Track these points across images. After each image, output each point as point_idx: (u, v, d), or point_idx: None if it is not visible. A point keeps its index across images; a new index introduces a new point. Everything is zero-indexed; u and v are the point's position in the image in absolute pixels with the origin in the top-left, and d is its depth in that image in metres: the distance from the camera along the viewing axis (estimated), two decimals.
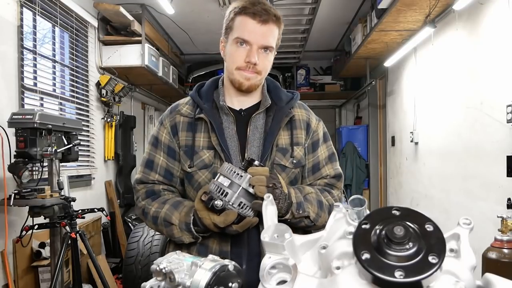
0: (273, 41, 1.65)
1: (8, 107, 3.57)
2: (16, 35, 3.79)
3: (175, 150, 1.71)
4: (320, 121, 1.85)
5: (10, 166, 3.16)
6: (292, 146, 1.71)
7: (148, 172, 1.74)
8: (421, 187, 5.68)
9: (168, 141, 1.72)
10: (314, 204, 1.62)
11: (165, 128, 1.73)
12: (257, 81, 1.67)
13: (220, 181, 1.43)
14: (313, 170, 1.77)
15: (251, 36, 1.59)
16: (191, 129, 1.69)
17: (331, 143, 1.85)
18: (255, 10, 1.59)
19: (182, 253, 1.22)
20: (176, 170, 1.73)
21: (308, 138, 1.77)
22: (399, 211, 0.92)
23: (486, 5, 3.85)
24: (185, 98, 1.81)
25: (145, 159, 1.76)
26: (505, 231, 3.11)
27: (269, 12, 1.60)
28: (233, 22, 1.64)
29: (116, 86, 5.68)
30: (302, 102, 1.85)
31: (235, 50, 1.63)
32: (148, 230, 4.57)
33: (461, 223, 0.94)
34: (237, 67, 1.63)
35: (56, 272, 3.08)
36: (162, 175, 1.73)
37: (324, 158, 1.79)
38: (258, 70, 1.64)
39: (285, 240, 1.01)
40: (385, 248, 0.85)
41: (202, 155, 1.66)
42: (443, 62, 4.83)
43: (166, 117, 1.76)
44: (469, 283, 0.87)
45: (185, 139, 1.69)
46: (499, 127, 3.59)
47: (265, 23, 1.60)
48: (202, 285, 1.05)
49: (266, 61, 1.65)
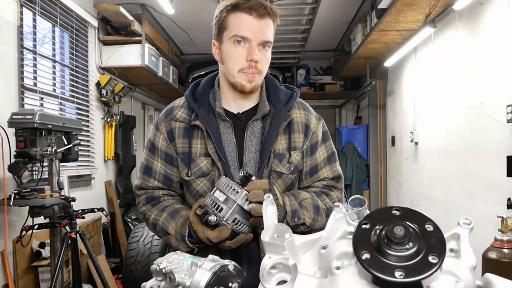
0: (272, 36, 1.60)
1: (8, 107, 3.57)
2: (16, 35, 3.79)
3: (172, 156, 1.69)
4: (321, 120, 1.80)
5: (10, 166, 3.16)
6: (290, 152, 1.66)
7: (147, 179, 1.72)
8: (421, 187, 5.68)
9: (165, 148, 1.69)
10: (310, 209, 1.60)
11: (161, 133, 1.69)
12: (259, 82, 1.63)
13: (216, 196, 1.41)
14: (311, 173, 1.74)
15: (249, 32, 1.53)
16: (187, 135, 1.65)
17: (331, 143, 1.80)
18: (251, 5, 1.53)
19: (182, 253, 1.22)
20: (175, 176, 1.71)
21: (307, 141, 1.72)
22: (399, 211, 0.92)
23: (486, 5, 3.84)
24: (181, 99, 1.75)
25: (143, 165, 1.74)
26: (505, 231, 3.11)
27: (265, 6, 1.55)
28: (227, 20, 1.57)
29: (116, 86, 5.68)
30: (302, 101, 1.80)
31: (233, 50, 1.57)
32: (148, 231, 4.57)
33: (461, 223, 0.94)
34: (240, 69, 1.57)
35: (56, 272, 3.08)
36: (161, 181, 1.71)
37: (322, 160, 1.75)
38: (259, 70, 1.58)
39: (285, 240, 1.01)
40: (385, 248, 0.86)
41: (199, 163, 1.63)
42: (443, 62, 4.83)
43: (162, 121, 1.71)
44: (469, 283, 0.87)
45: (182, 146, 1.66)
46: (499, 127, 3.59)
47: (263, 17, 1.54)
48: (202, 285, 1.05)
49: (266, 57, 1.60)
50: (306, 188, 1.75)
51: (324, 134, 1.79)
